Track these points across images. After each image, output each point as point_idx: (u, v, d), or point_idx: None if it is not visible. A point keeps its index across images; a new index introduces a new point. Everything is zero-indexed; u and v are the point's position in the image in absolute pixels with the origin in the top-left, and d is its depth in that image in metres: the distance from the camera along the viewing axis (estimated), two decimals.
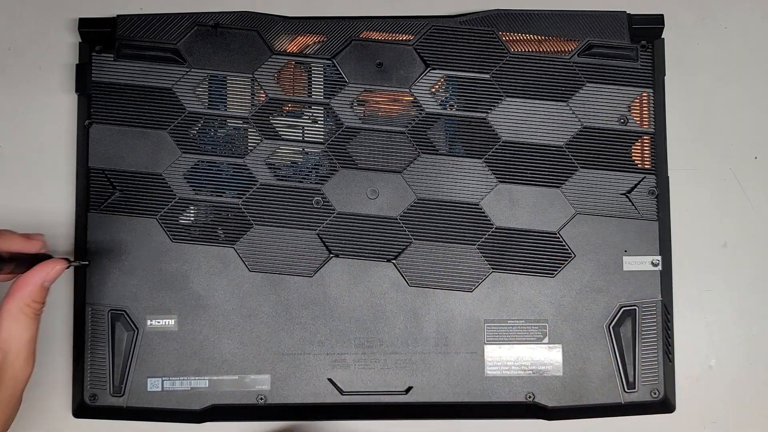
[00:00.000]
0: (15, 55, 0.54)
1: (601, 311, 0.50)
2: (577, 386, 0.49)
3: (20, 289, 0.43)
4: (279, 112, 0.51)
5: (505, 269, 0.50)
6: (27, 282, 0.43)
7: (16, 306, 0.43)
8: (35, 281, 0.43)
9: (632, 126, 0.51)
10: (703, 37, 0.54)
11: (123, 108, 0.50)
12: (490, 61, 0.51)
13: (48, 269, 0.44)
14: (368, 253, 0.50)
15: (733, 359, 0.52)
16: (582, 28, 0.51)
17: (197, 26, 0.51)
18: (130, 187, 0.50)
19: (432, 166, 0.50)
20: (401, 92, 0.51)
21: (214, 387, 0.49)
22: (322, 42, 0.51)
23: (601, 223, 0.50)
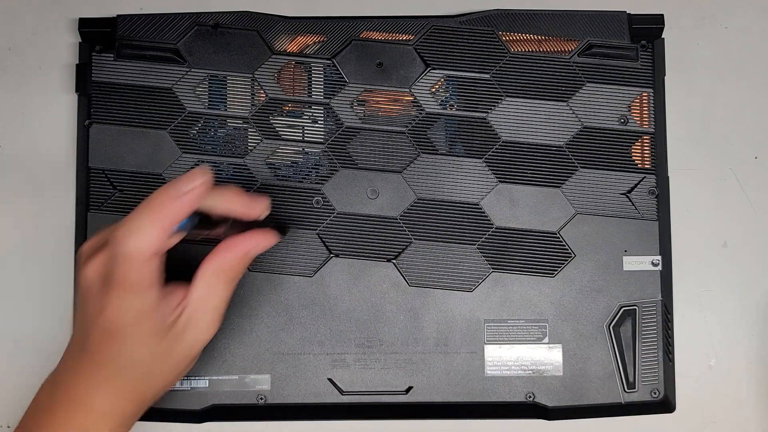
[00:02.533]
0: (15, 55, 0.54)
1: (601, 311, 0.50)
2: (577, 386, 0.49)
3: (224, 252, 0.41)
4: (279, 112, 0.51)
5: (505, 269, 0.50)
6: (232, 247, 0.41)
7: (215, 268, 0.41)
8: (241, 249, 0.41)
9: (632, 126, 0.51)
10: (703, 37, 0.54)
11: (123, 108, 0.50)
12: (490, 61, 0.51)
13: (258, 240, 0.42)
14: (368, 253, 0.50)
15: (733, 359, 0.52)
16: (582, 28, 0.51)
17: (197, 26, 0.51)
18: (130, 187, 0.50)
19: (432, 166, 0.50)
20: (401, 92, 0.51)
21: (214, 387, 0.49)
22: (322, 42, 0.51)
23: (601, 223, 0.50)
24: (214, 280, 0.41)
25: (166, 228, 0.37)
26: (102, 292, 0.39)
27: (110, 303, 0.38)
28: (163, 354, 0.40)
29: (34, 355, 0.52)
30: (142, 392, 0.42)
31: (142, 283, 0.38)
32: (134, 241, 0.37)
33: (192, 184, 0.38)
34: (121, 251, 0.37)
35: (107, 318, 0.38)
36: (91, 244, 0.41)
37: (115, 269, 0.38)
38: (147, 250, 0.37)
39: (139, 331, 0.39)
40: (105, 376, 0.40)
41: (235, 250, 0.41)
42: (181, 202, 0.37)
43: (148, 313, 0.39)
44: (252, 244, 0.41)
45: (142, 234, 0.37)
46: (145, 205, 0.38)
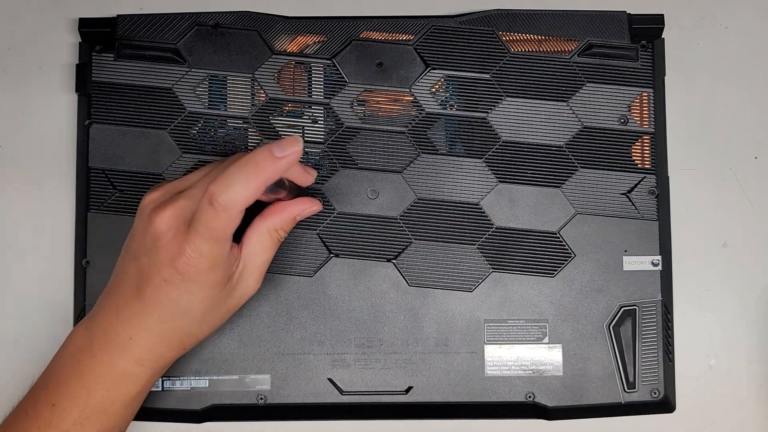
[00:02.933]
0: (15, 55, 0.54)
1: (601, 311, 0.50)
2: (577, 386, 0.49)
3: (276, 213, 0.44)
4: (279, 112, 0.51)
5: (505, 269, 0.50)
6: (284, 209, 0.44)
7: (266, 227, 0.44)
8: (291, 212, 0.44)
9: (632, 126, 0.51)
10: (703, 37, 0.54)
11: (123, 108, 0.50)
12: (490, 61, 0.51)
13: (306, 205, 0.45)
14: (368, 253, 0.50)
15: (733, 359, 0.52)
16: (582, 28, 0.51)
17: (197, 26, 0.51)
18: (130, 187, 0.50)
19: (432, 166, 0.50)
20: (401, 92, 0.51)
21: (214, 387, 0.49)
22: (322, 42, 0.51)
23: (601, 223, 0.50)
24: (265, 238, 0.44)
25: (261, 185, 0.40)
26: (179, 238, 0.41)
27: (190, 248, 0.40)
28: (217, 304, 0.43)
29: (34, 355, 0.52)
30: (185, 340, 0.44)
31: (225, 233, 0.41)
32: (231, 194, 0.40)
33: (291, 148, 0.41)
34: (220, 201, 0.40)
35: (185, 262, 0.41)
36: (155, 196, 0.43)
37: (205, 218, 0.40)
38: (241, 205, 0.40)
39: (207, 279, 0.42)
40: (156, 320, 0.42)
41: (287, 212, 0.44)
42: (280, 163, 0.40)
43: (221, 262, 0.42)
44: (300, 208, 0.45)
45: (241, 188, 0.40)
46: (244, 161, 0.40)
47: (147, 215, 0.42)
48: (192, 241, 0.41)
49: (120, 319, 0.43)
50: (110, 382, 0.43)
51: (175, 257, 0.41)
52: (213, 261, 0.41)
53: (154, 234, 0.42)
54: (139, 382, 0.43)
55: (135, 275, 0.42)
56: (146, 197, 0.44)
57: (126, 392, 0.43)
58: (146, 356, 0.43)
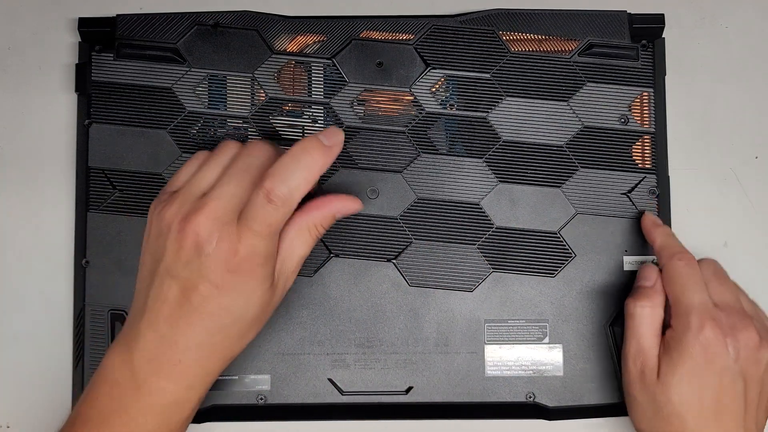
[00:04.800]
0: (15, 55, 0.54)
1: (602, 311, 0.50)
2: (578, 386, 0.49)
3: (315, 209, 0.43)
4: (279, 111, 0.51)
5: (505, 269, 0.50)
6: (323, 205, 0.43)
7: (305, 222, 0.42)
8: (331, 208, 0.43)
9: (633, 126, 0.51)
10: (704, 37, 0.54)
11: (123, 108, 0.50)
12: (491, 60, 0.51)
13: (346, 202, 0.43)
14: (368, 253, 0.50)
15: None
16: (582, 27, 0.51)
17: (197, 26, 0.51)
18: (130, 187, 0.50)
19: (432, 166, 0.50)
20: (401, 92, 0.51)
21: (214, 387, 0.49)
22: (322, 42, 0.51)
23: (601, 222, 0.50)
24: (304, 233, 0.42)
25: (317, 175, 0.40)
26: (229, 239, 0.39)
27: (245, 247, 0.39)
28: (266, 304, 0.42)
29: (34, 354, 0.52)
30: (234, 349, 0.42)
31: (278, 227, 0.40)
32: (290, 187, 0.39)
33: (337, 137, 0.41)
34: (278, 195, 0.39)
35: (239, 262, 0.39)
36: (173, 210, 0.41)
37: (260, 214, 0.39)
38: (299, 197, 0.40)
39: (261, 277, 0.40)
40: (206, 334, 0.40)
41: (327, 208, 0.43)
42: (330, 152, 0.40)
43: (272, 258, 0.41)
44: (340, 205, 0.43)
45: (298, 179, 0.39)
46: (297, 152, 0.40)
47: (176, 229, 0.40)
48: (247, 239, 0.39)
49: (165, 342, 0.40)
50: (158, 412, 0.40)
51: (229, 259, 0.39)
52: (266, 257, 0.40)
53: (194, 244, 0.39)
54: (188, 407, 0.41)
55: (176, 293, 0.40)
56: (164, 213, 0.41)
57: (175, 420, 0.41)
58: (196, 377, 0.41)
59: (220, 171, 0.42)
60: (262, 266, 0.40)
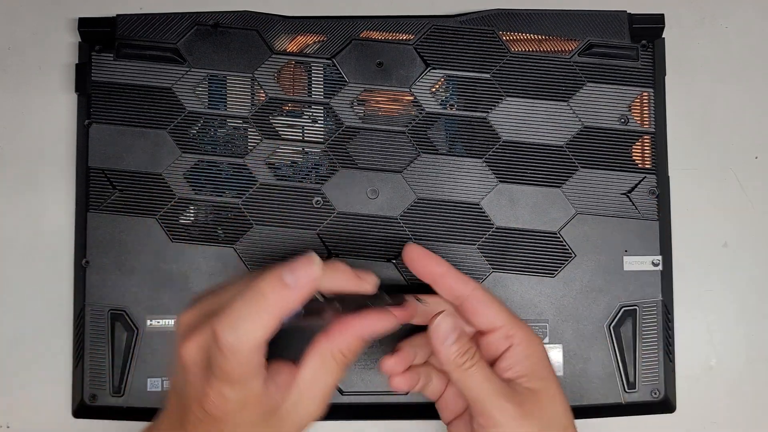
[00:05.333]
0: (15, 55, 0.54)
1: (602, 311, 0.50)
2: (577, 386, 0.49)
3: (339, 333, 0.38)
4: (279, 111, 0.51)
5: (505, 269, 0.50)
6: (348, 329, 0.38)
7: (329, 348, 0.38)
8: (357, 332, 0.38)
9: (633, 126, 0.51)
10: (704, 37, 0.54)
11: (123, 108, 0.50)
12: (491, 60, 0.51)
13: (374, 322, 0.38)
14: (368, 253, 0.50)
15: (734, 359, 0.52)
16: (582, 27, 0.51)
17: (197, 26, 0.51)
18: (130, 187, 0.50)
19: (432, 166, 0.50)
20: (401, 92, 0.51)
21: None
22: (322, 42, 0.51)
23: (601, 223, 0.50)
24: (328, 362, 0.38)
25: (273, 321, 0.35)
26: (203, 377, 0.36)
27: (212, 391, 0.36)
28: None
29: (34, 354, 0.52)
30: None
31: (245, 375, 0.36)
32: (236, 335, 0.35)
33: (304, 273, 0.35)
34: (224, 343, 0.35)
35: (210, 405, 0.36)
36: (190, 317, 0.38)
37: (217, 360, 0.35)
38: (252, 344, 0.35)
39: (243, 418, 0.37)
40: None
41: (351, 332, 0.38)
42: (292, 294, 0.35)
43: (252, 401, 0.37)
44: (368, 328, 0.38)
45: (247, 327, 0.35)
46: (251, 293, 0.35)
47: (178, 342, 0.38)
48: (212, 384, 0.36)
49: None
50: None
51: (201, 399, 0.36)
52: (241, 403, 0.36)
53: (182, 364, 0.37)
54: None
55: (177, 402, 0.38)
56: (181, 317, 0.38)
57: None
58: None
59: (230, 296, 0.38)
60: (239, 411, 0.36)
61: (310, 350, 0.38)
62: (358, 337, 0.38)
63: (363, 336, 0.38)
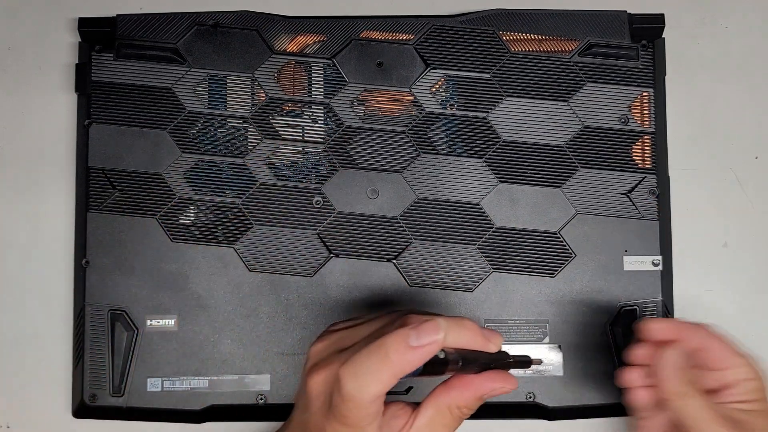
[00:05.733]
0: (15, 55, 0.54)
1: (602, 311, 0.50)
2: (577, 386, 0.49)
3: (461, 388, 0.39)
4: (279, 111, 0.51)
5: (505, 269, 0.50)
6: (469, 387, 0.39)
7: (447, 403, 0.39)
8: (478, 391, 0.39)
9: (633, 126, 0.51)
10: (704, 37, 0.54)
11: (123, 108, 0.50)
12: (491, 60, 0.51)
13: (498, 384, 0.39)
14: (368, 253, 0.50)
15: None
16: (582, 27, 0.51)
17: (197, 26, 0.51)
18: (130, 187, 0.50)
19: (432, 166, 0.50)
20: (401, 92, 0.51)
21: (214, 387, 0.49)
22: (322, 42, 0.51)
23: (601, 223, 0.50)
24: (445, 414, 0.39)
25: (395, 377, 0.36)
26: (323, 413, 0.38)
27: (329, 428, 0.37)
28: None
29: (34, 354, 0.52)
30: None
31: (361, 422, 0.37)
32: (358, 385, 0.35)
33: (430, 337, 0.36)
34: (346, 391, 0.36)
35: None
36: (321, 348, 0.40)
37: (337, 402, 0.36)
38: (371, 397, 0.36)
39: None
40: None
41: (472, 390, 0.39)
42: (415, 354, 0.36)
43: None
44: (491, 387, 0.39)
45: (368, 380, 0.35)
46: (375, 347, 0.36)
47: (307, 371, 0.39)
48: (331, 423, 0.37)
49: None
50: None
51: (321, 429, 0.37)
52: None
53: (307, 395, 0.38)
54: None
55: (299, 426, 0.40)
56: (314, 346, 0.40)
57: None
58: None
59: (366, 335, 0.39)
60: None
61: (429, 400, 0.39)
62: (478, 396, 0.39)
63: (483, 395, 0.39)
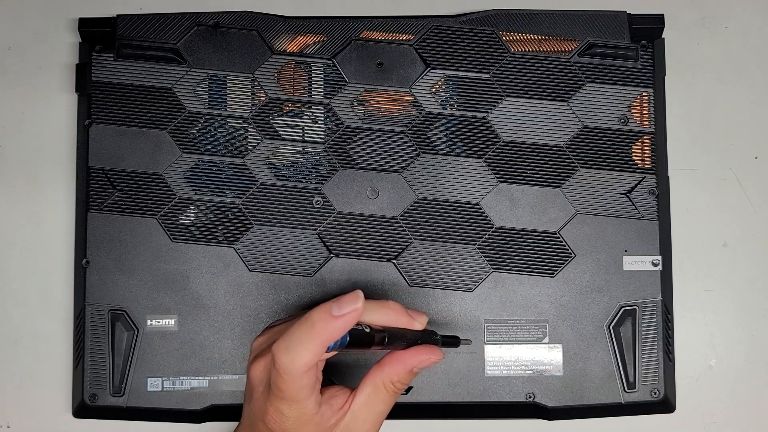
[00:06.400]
0: (15, 55, 0.54)
1: (602, 311, 0.50)
2: (577, 386, 0.49)
3: (393, 364, 0.42)
4: (279, 112, 0.51)
5: (505, 269, 0.50)
6: (398, 361, 0.42)
7: (381, 378, 0.42)
8: (407, 364, 0.42)
9: (632, 126, 0.51)
10: (703, 37, 0.54)
11: (123, 108, 0.50)
12: (491, 60, 0.51)
13: (424, 356, 0.42)
14: (368, 253, 0.50)
15: (733, 359, 0.52)
16: (582, 27, 0.51)
17: (197, 26, 0.51)
18: (130, 187, 0.50)
19: (432, 166, 0.50)
20: (401, 92, 0.51)
21: (214, 387, 0.49)
22: (322, 42, 0.51)
23: (601, 223, 0.50)
24: (381, 389, 0.42)
25: (320, 346, 0.39)
26: (264, 395, 0.41)
27: (270, 408, 0.40)
28: None
29: (34, 355, 0.52)
30: None
31: (298, 394, 0.40)
32: (290, 357, 0.39)
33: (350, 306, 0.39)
34: (278, 365, 0.39)
35: (269, 420, 0.41)
36: (261, 341, 0.43)
37: (273, 379, 0.40)
38: (301, 366, 0.39)
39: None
40: None
41: (404, 364, 0.42)
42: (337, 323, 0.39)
43: (307, 419, 0.41)
44: (416, 361, 0.42)
45: (298, 350, 0.39)
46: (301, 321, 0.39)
47: (249, 363, 0.43)
48: (270, 402, 0.40)
49: None
50: None
51: (264, 415, 0.41)
52: (296, 420, 0.40)
53: (250, 383, 0.42)
54: None
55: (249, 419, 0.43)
56: (255, 341, 0.44)
57: None
58: None
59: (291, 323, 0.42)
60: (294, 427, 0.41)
61: (365, 379, 0.42)
62: (408, 369, 0.42)
63: (413, 368, 0.42)
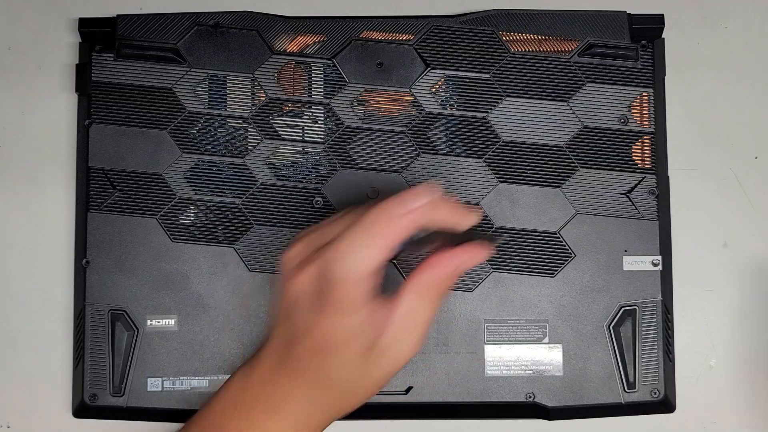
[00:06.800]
0: (15, 55, 0.54)
1: (601, 311, 0.50)
2: (577, 386, 0.49)
3: (435, 267, 0.38)
4: (279, 112, 0.51)
5: (505, 269, 0.50)
6: (443, 262, 0.38)
7: (424, 283, 0.38)
8: (453, 264, 0.38)
9: (632, 126, 0.51)
10: (704, 37, 0.54)
11: (123, 108, 0.50)
12: (491, 60, 0.51)
13: (469, 255, 0.38)
14: None
15: (733, 359, 0.52)
16: (582, 27, 0.51)
17: (197, 26, 0.51)
18: (130, 187, 0.50)
19: (432, 166, 0.50)
20: (401, 92, 0.51)
21: (214, 387, 0.49)
22: (322, 42, 0.51)
23: (601, 223, 0.50)
24: (423, 295, 0.39)
25: (386, 249, 0.36)
26: (312, 309, 0.37)
27: (322, 322, 0.37)
28: (366, 371, 0.39)
29: (34, 354, 0.52)
30: (339, 406, 0.41)
31: (356, 303, 0.37)
32: (351, 263, 0.36)
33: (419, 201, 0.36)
34: (338, 273, 0.36)
35: (317, 336, 0.37)
36: (297, 252, 0.39)
37: (329, 289, 0.36)
38: (364, 272, 0.36)
39: (347, 350, 0.38)
40: (306, 387, 0.39)
41: (446, 264, 0.39)
42: (405, 221, 0.35)
43: (359, 331, 0.38)
44: (463, 259, 0.39)
45: (361, 255, 0.36)
46: (364, 222, 0.36)
47: (287, 275, 0.39)
48: (322, 315, 0.37)
49: (273, 380, 0.40)
50: None
51: (310, 330, 0.38)
52: (348, 333, 0.37)
53: (290, 298, 0.38)
54: None
55: (281, 337, 0.40)
56: (289, 251, 0.39)
57: None
58: (300, 422, 0.39)
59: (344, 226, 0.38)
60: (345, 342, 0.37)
61: (406, 284, 0.39)
62: (454, 269, 0.39)
63: (458, 267, 0.39)
